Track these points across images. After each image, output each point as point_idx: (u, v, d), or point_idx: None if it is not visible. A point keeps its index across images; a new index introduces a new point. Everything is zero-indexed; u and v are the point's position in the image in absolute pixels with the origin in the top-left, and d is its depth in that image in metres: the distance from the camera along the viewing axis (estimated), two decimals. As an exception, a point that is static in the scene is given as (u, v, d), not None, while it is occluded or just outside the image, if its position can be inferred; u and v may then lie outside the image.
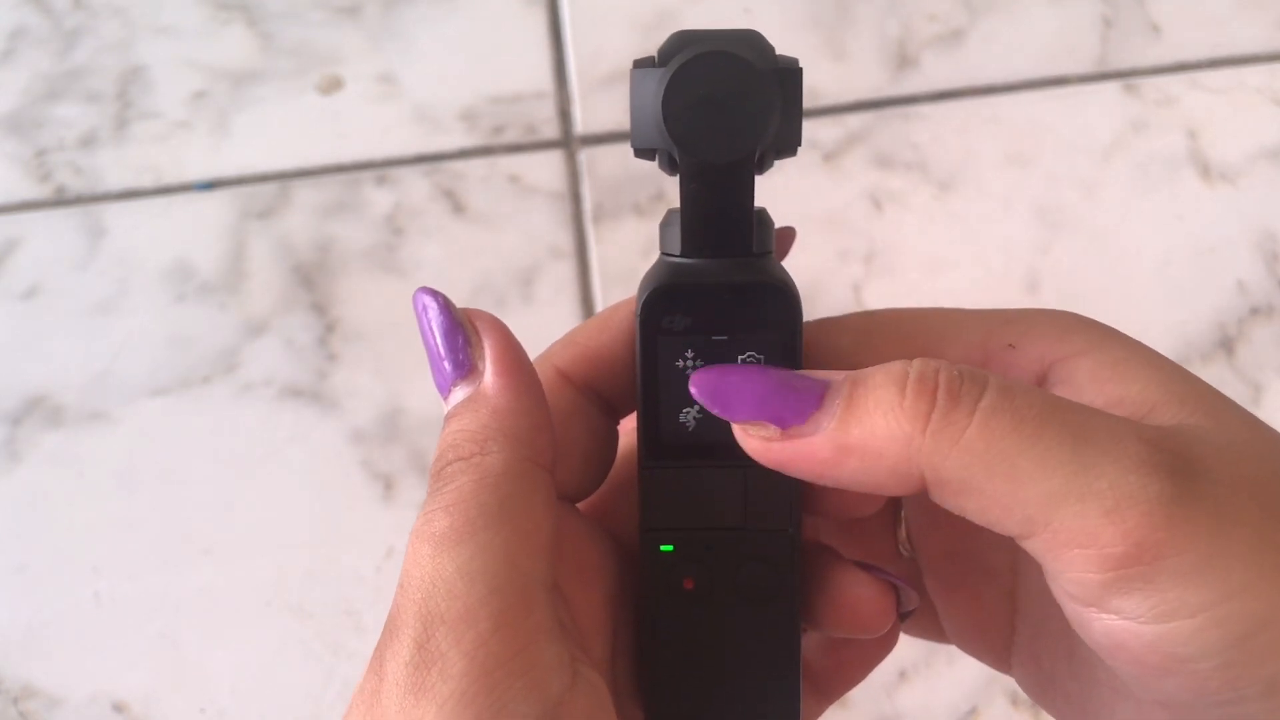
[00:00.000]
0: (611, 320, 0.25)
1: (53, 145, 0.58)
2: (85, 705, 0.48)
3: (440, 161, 0.57)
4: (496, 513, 0.21)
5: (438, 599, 0.20)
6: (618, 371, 0.24)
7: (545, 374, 0.24)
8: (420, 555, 0.20)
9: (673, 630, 0.24)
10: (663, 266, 0.23)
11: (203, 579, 0.50)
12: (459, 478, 0.21)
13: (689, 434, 0.23)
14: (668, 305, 0.23)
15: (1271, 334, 0.53)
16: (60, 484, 0.52)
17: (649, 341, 0.23)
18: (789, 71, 0.22)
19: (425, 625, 0.20)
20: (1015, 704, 0.48)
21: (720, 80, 0.21)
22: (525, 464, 0.21)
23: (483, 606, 0.20)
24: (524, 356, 0.23)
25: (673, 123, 0.21)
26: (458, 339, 0.22)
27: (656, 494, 0.24)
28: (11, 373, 0.53)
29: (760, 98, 0.21)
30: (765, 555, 0.23)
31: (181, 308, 0.54)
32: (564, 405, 0.24)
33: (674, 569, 0.24)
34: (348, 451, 0.52)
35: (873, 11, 0.59)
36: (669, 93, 0.21)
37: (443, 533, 0.20)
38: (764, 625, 0.24)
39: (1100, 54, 0.58)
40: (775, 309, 0.23)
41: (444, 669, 0.19)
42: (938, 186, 0.56)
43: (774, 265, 0.23)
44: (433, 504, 0.21)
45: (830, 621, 0.24)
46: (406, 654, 0.20)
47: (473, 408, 0.22)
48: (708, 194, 0.22)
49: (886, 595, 0.24)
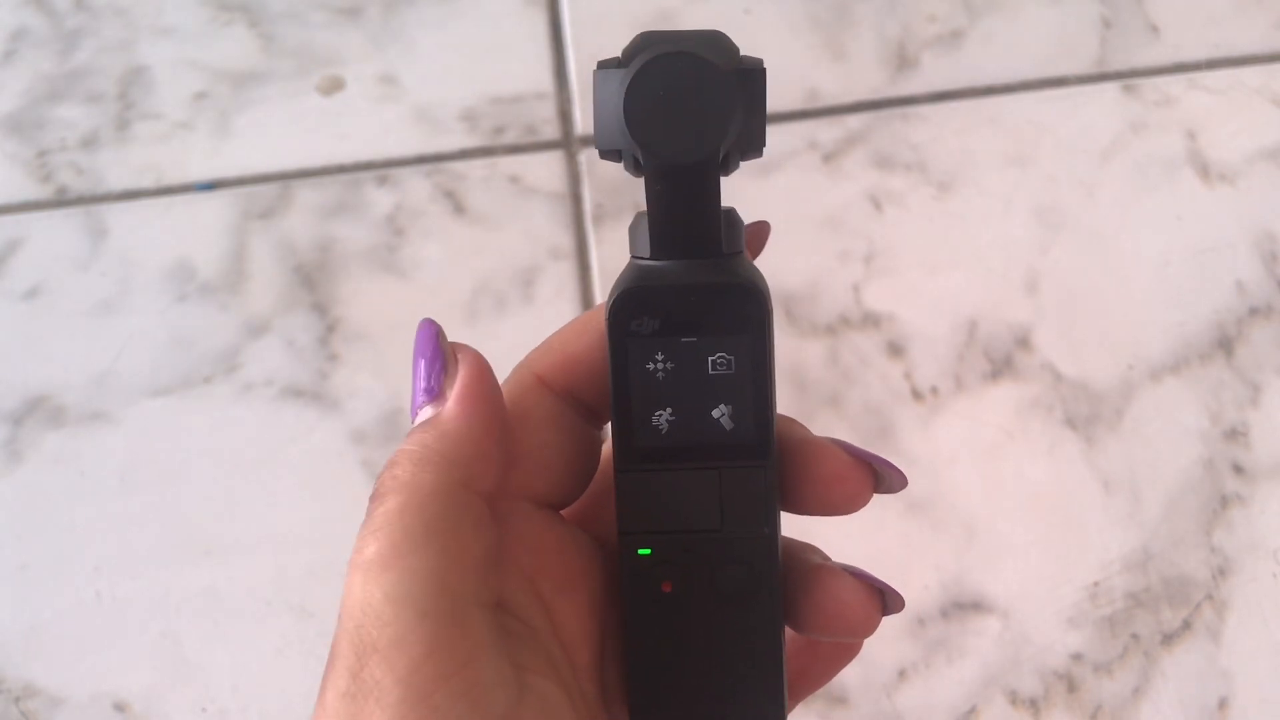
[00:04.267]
0: (590, 324, 0.24)
1: (54, 146, 0.58)
2: (86, 705, 0.48)
3: (441, 162, 0.57)
4: (422, 535, 0.21)
5: (368, 628, 0.20)
6: (597, 376, 0.24)
7: (524, 381, 0.24)
8: (352, 584, 0.20)
9: (653, 633, 0.24)
10: (631, 269, 0.23)
11: (203, 579, 0.50)
12: (388, 499, 0.21)
13: (662, 437, 0.23)
14: (635, 308, 0.22)
15: (1270, 334, 0.53)
16: (61, 484, 0.52)
17: (619, 345, 0.23)
18: (751, 71, 0.22)
19: (359, 655, 0.20)
20: (1014, 704, 0.48)
21: (681, 81, 0.21)
22: (455, 485, 0.22)
23: (412, 632, 0.20)
24: (492, 389, 0.23)
25: (634, 124, 0.21)
26: (436, 366, 0.23)
27: (632, 498, 0.23)
28: (13, 373, 0.53)
29: (721, 98, 0.21)
30: (742, 557, 0.23)
31: (183, 308, 0.54)
32: (543, 412, 0.24)
33: (652, 572, 0.24)
34: (348, 451, 0.52)
35: (872, 12, 0.59)
36: (630, 93, 0.21)
37: (369, 560, 0.20)
38: (745, 626, 0.24)
39: (1099, 54, 0.59)
40: (744, 309, 0.22)
41: (380, 697, 0.19)
42: (937, 187, 0.56)
43: (744, 265, 0.23)
44: (364, 529, 0.21)
45: (817, 625, 0.24)
46: (343, 685, 0.20)
47: (424, 430, 0.22)
48: (672, 195, 0.22)
49: (873, 598, 0.24)
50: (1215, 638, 0.48)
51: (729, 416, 0.23)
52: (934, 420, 0.51)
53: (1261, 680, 0.48)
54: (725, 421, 0.23)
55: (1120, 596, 0.49)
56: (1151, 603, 0.49)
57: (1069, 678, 0.48)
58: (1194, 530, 0.50)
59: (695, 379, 0.23)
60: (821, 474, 0.24)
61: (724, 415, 0.23)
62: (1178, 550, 0.50)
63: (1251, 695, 0.47)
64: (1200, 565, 0.49)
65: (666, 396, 0.23)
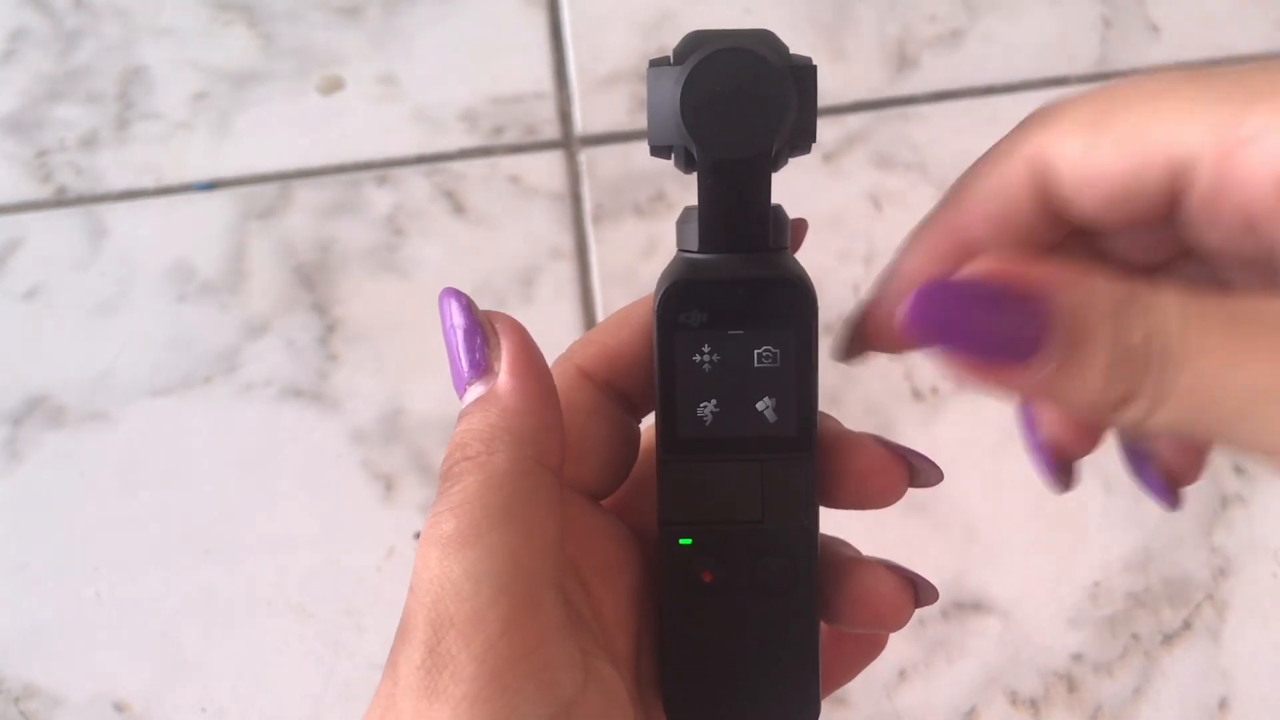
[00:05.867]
0: (630, 318, 0.25)
1: (54, 146, 0.58)
2: (86, 705, 0.48)
3: (441, 162, 0.57)
4: (501, 514, 0.21)
5: (446, 602, 0.20)
6: (637, 369, 0.25)
7: (566, 373, 0.25)
8: (429, 559, 0.20)
9: (691, 622, 0.24)
10: (680, 263, 0.23)
11: (203, 579, 0.50)
12: (465, 478, 0.21)
13: (706, 428, 0.24)
14: (685, 301, 0.23)
15: (1271, 334, 0.53)
16: (61, 484, 0.52)
17: (666, 337, 0.23)
18: (804, 68, 0.22)
19: (435, 629, 0.20)
20: (1014, 704, 0.48)
21: (737, 77, 0.21)
22: (530, 464, 0.22)
23: (491, 608, 0.20)
24: (540, 359, 0.23)
25: (691, 119, 0.21)
26: (476, 339, 0.23)
27: (675, 488, 0.24)
28: (13, 373, 0.53)
29: (777, 94, 0.21)
30: (782, 548, 0.23)
31: (182, 308, 0.54)
32: (585, 403, 0.25)
33: (692, 562, 0.24)
34: (348, 451, 0.52)
35: (872, 12, 0.59)
36: (687, 89, 0.21)
37: (449, 536, 0.20)
38: (782, 617, 0.24)
39: (1100, 54, 0.58)
40: (791, 303, 0.23)
41: (455, 672, 0.20)
42: (937, 187, 0.56)
43: (789, 260, 0.24)
44: (440, 506, 0.21)
45: (849, 616, 0.24)
46: (418, 658, 0.20)
47: (483, 408, 0.22)
48: (725, 189, 0.22)
49: (906, 590, 0.24)
50: (1215, 638, 0.48)
51: (772, 409, 0.23)
52: (934, 420, 0.51)
53: (1261, 680, 0.48)
54: (769, 414, 0.23)
55: (1120, 596, 0.49)
56: (1152, 603, 0.49)
57: (1069, 678, 0.48)
58: (1194, 530, 0.50)
59: (740, 371, 0.23)
60: (858, 468, 0.24)
61: (768, 408, 0.23)
62: (1178, 550, 0.50)
63: (1251, 695, 0.47)
64: (1200, 565, 0.49)
65: (711, 388, 0.23)
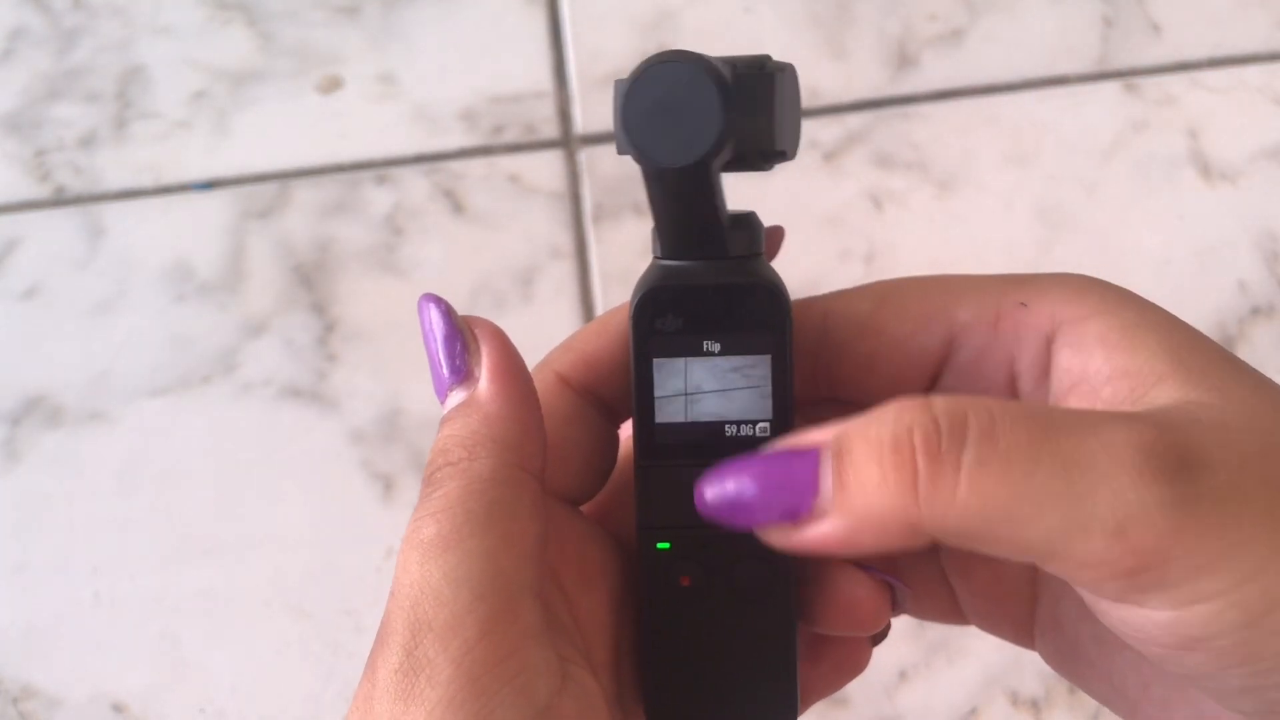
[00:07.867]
0: (609, 325, 0.25)
1: (52, 145, 0.58)
2: (85, 705, 0.48)
3: (440, 161, 0.57)
4: (482, 519, 0.21)
5: (425, 606, 0.20)
6: (616, 375, 0.25)
7: (545, 379, 0.25)
8: (409, 562, 0.21)
9: (670, 627, 0.24)
10: (654, 269, 0.24)
11: (203, 579, 0.50)
12: (446, 483, 0.21)
13: (683, 433, 0.24)
14: (659, 306, 0.23)
15: (1272, 334, 0.53)
16: (60, 484, 0.51)
17: (642, 343, 0.23)
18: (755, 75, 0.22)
19: (413, 632, 0.20)
20: (1015, 704, 0.48)
21: (670, 86, 0.21)
22: (512, 469, 0.22)
23: (469, 613, 0.20)
24: (520, 364, 0.23)
25: (629, 130, 0.21)
26: (456, 345, 0.23)
27: (653, 492, 0.24)
28: (11, 373, 0.53)
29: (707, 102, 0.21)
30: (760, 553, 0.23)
31: (181, 308, 0.54)
32: (564, 409, 0.25)
33: (671, 567, 0.24)
34: (347, 451, 0.52)
35: (873, 11, 0.59)
36: (625, 101, 0.21)
37: (429, 540, 0.21)
38: (761, 622, 0.24)
39: (1100, 53, 0.58)
40: (765, 309, 0.23)
41: (431, 675, 0.20)
42: (938, 186, 0.56)
43: (764, 267, 0.24)
44: (421, 510, 0.21)
45: (827, 619, 0.24)
46: (396, 661, 0.20)
47: (465, 413, 0.22)
48: (666, 197, 0.22)
49: (883, 593, 0.24)
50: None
51: (749, 413, 0.24)
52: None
53: (1263, 681, 0.48)
54: (745, 418, 0.24)
55: (1121, 597, 0.49)
56: (1152, 603, 0.49)
57: (1070, 678, 0.48)
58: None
59: (717, 376, 0.24)
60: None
61: (745, 412, 0.24)
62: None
63: (1253, 696, 0.47)
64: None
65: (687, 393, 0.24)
